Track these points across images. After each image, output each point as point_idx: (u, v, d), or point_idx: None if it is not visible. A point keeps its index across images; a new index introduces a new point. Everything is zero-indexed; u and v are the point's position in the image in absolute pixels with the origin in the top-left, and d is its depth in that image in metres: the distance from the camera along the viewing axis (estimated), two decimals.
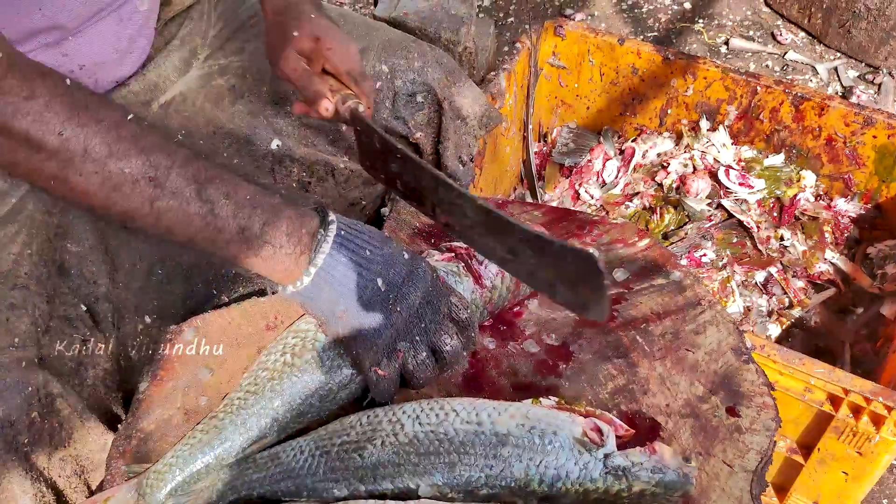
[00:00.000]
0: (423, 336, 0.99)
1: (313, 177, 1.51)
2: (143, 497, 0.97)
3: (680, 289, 1.21)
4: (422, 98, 1.50)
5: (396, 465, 0.92)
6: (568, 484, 0.90)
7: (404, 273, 0.98)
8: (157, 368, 1.15)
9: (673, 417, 1.05)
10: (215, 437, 1.00)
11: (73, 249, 1.23)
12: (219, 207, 0.90)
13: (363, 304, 0.96)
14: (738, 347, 1.13)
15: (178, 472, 0.98)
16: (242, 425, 1.00)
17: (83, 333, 1.21)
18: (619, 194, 2.37)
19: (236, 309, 1.22)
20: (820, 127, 2.12)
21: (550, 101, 2.53)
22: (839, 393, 1.53)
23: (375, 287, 0.96)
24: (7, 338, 1.09)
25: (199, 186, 0.89)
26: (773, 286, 2.12)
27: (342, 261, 0.95)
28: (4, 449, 1.04)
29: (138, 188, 0.86)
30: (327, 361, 1.02)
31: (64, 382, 1.14)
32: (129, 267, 1.30)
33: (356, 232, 0.97)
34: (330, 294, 0.96)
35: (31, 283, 1.14)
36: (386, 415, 0.97)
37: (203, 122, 1.39)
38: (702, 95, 2.26)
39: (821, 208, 2.21)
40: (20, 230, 1.17)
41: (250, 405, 1.01)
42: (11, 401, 1.05)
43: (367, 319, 0.96)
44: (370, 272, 0.96)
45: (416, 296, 0.97)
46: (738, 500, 0.97)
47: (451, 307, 1.01)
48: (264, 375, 1.03)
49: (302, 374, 1.02)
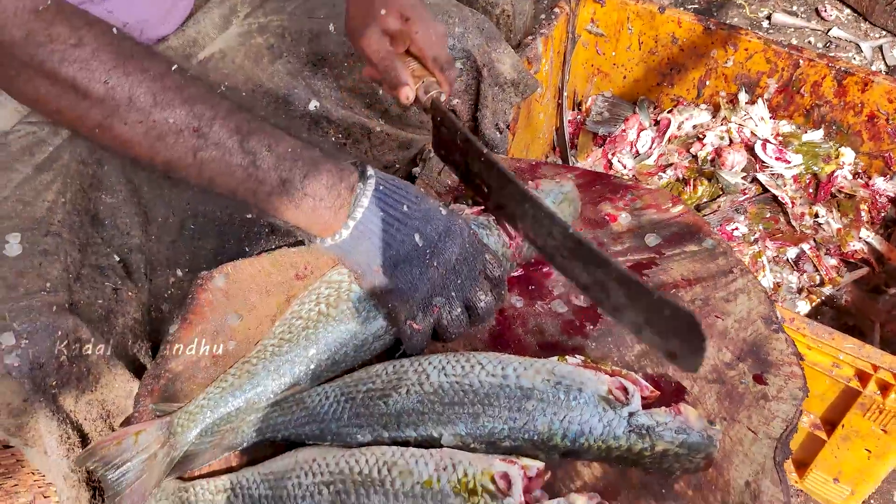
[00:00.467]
0: (458, 292, 1.00)
1: (349, 139, 1.51)
2: (174, 435, 0.99)
3: (712, 256, 1.20)
4: (461, 64, 1.49)
5: (420, 413, 0.93)
6: (591, 440, 0.90)
7: (441, 229, 0.98)
8: (187, 312, 1.16)
9: (699, 382, 1.05)
10: (247, 381, 1.02)
11: (107, 200, 1.25)
12: (260, 159, 0.90)
13: (400, 258, 0.97)
14: (769, 316, 1.12)
15: (209, 414, 1.00)
16: (276, 371, 1.02)
17: (114, 282, 1.23)
18: (653, 165, 2.34)
19: (267, 258, 1.23)
20: (862, 103, 2.08)
21: (586, 69, 2.50)
22: (868, 369, 1.51)
23: (413, 242, 0.96)
24: (38, 282, 1.10)
25: (241, 138, 0.89)
26: (805, 263, 2.10)
27: (380, 215, 0.95)
28: (33, 390, 1.06)
29: (182, 138, 0.87)
30: (363, 312, 1.03)
31: (93, 329, 1.16)
32: (161, 220, 1.31)
33: (394, 187, 0.98)
34: (367, 247, 0.97)
35: (64, 231, 1.16)
36: (412, 365, 0.98)
37: (242, 79, 1.40)
38: (742, 67, 2.22)
39: (858, 186, 2.17)
40: (55, 178, 1.18)
41: (284, 352, 1.02)
42: (41, 343, 1.07)
43: (403, 274, 0.97)
44: (408, 227, 0.96)
45: (452, 252, 0.98)
46: (762, 466, 0.96)
47: (486, 264, 1.02)
48: (299, 324, 1.04)
49: (338, 324, 1.03)
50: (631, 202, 1.29)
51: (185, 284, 1.35)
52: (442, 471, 0.86)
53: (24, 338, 1.05)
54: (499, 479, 0.85)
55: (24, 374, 1.04)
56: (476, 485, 0.84)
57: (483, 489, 0.84)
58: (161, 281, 1.32)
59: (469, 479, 0.85)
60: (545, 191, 1.17)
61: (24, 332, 1.05)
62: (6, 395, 1.07)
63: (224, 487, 0.96)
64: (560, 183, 1.20)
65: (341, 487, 0.89)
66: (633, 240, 1.23)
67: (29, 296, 1.07)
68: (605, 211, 1.28)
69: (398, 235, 0.96)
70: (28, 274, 1.09)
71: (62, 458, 1.13)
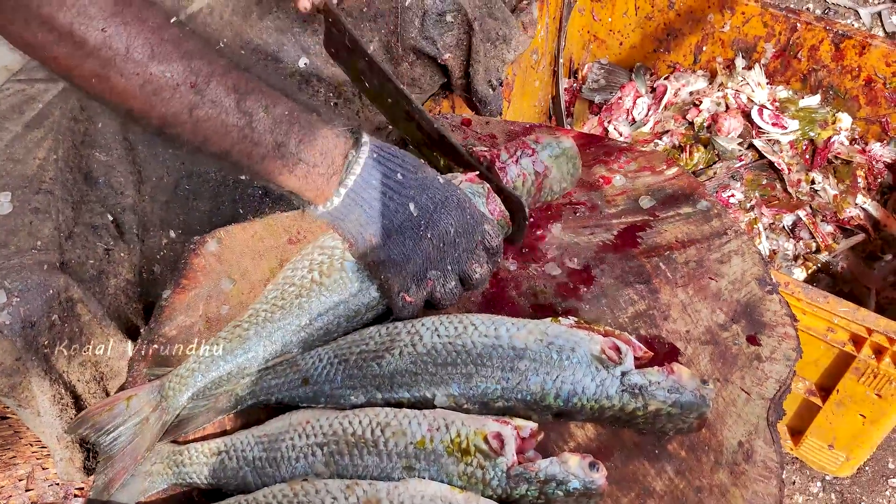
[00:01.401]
0: (454, 265, 0.99)
1: (340, 98, 1.49)
2: (165, 399, 0.99)
3: (706, 218, 1.19)
4: (452, 18, 1.47)
5: (414, 374, 0.93)
6: (584, 400, 0.90)
7: (438, 199, 0.97)
8: (180, 277, 1.16)
9: (692, 344, 1.04)
10: (239, 346, 1.01)
11: (101, 158, 1.23)
12: (257, 121, 0.89)
13: (393, 228, 0.96)
14: (763, 278, 1.11)
15: (201, 378, 1.00)
16: (268, 338, 1.01)
17: (107, 242, 1.22)
18: (649, 132, 2.33)
19: (259, 222, 1.22)
20: (860, 66, 2.06)
21: (583, 36, 2.48)
22: (862, 333, 1.51)
23: (407, 212, 0.95)
24: (29, 240, 1.10)
25: (238, 97, 0.88)
26: (801, 230, 2.09)
27: (373, 183, 0.94)
28: (25, 348, 1.06)
29: (178, 94, 0.85)
30: (356, 283, 1.02)
31: (85, 289, 1.16)
32: (156, 180, 1.30)
33: (389, 155, 0.96)
34: (360, 216, 0.95)
35: (56, 189, 1.15)
36: (405, 326, 0.98)
37: (230, 35, 1.38)
38: (739, 32, 2.20)
39: (855, 152, 2.16)
40: (46, 135, 1.17)
41: (277, 319, 1.02)
42: (33, 302, 1.06)
43: (396, 244, 0.96)
44: (402, 196, 0.95)
45: (449, 223, 0.97)
46: (755, 426, 0.97)
47: (485, 235, 1.01)
48: (292, 291, 1.03)
49: (331, 294, 1.02)
50: (625, 164, 1.29)
51: (177, 246, 1.34)
52: (435, 431, 0.86)
53: (16, 296, 1.04)
54: (492, 438, 0.85)
55: (15, 332, 1.04)
56: (469, 444, 0.85)
57: (476, 449, 0.84)
58: (154, 242, 1.31)
59: (462, 439, 0.85)
60: (543, 143, 1.17)
61: (16, 290, 1.04)
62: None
63: (218, 450, 0.96)
64: (559, 137, 1.19)
65: (335, 448, 0.89)
66: (628, 202, 1.22)
67: (20, 254, 1.07)
68: (599, 173, 1.27)
69: (391, 204, 0.95)
70: (19, 232, 1.09)
71: (55, 418, 1.13)
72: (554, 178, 1.17)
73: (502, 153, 1.14)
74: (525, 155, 1.14)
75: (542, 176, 1.15)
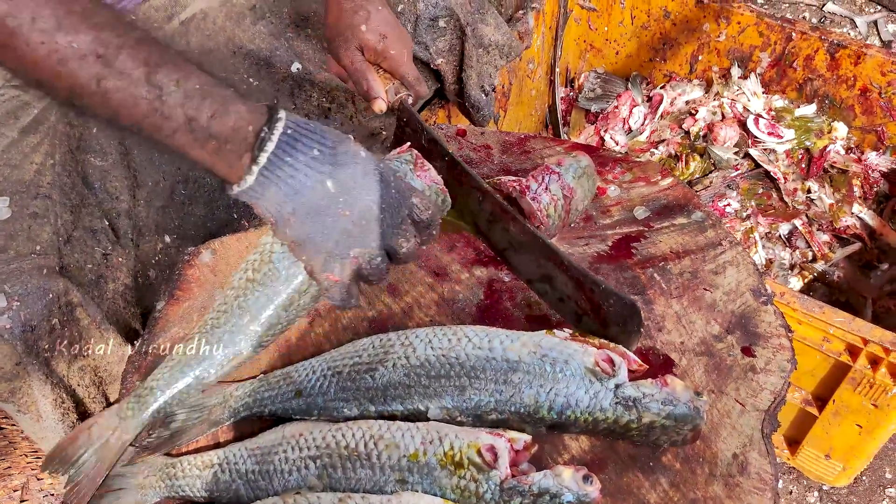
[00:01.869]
0: (379, 241, 0.95)
1: (333, 103, 1.49)
2: (124, 420, 0.98)
3: (701, 229, 1.19)
4: (444, 23, 1.47)
5: (407, 386, 0.93)
6: (577, 412, 0.90)
7: (359, 174, 0.93)
8: (174, 288, 1.16)
9: (687, 355, 1.04)
10: (193, 357, 1.00)
11: (96, 163, 1.23)
12: (167, 94, 0.87)
13: (310, 206, 0.92)
14: (758, 289, 1.11)
15: (160, 395, 0.99)
16: (216, 344, 1.00)
17: (105, 247, 1.22)
18: (645, 141, 2.33)
19: (254, 233, 1.22)
20: (855, 76, 2.06)
21: (579, 45, 2.48)
22: (858, 343, 1.51)
23: (324, 189, 0.92)
24: (29, 245, 1.10)
25: (148, 70, 0.86)
26: (797, 239, 2.09)
27: (288, 161, 0.91)
28: (25, 353, 1.05)
29: (85, 64, 0.83)
30: (283, 271, 1.00)
31: (84, 293, 1.16)
32: (151, 185, 1.30)
33: (306, 130, 0.93)
34: (276, 195, 0.92)
35: (54, 193, 1.15)
36: (399, 338, 0.98)
37: (223, 40, 1.38)
38: (734, 41, 2.20)
39: (851, 161, 2.16)
40: (42, 140, 1.17)
41: (222, 324, 1.01)
42: (33, 306, 1.06)
43: (315, 223, 0.93)
44: (319, 173, 0.92)
45: (370, 199, 0.93)
46: (749, 438, 0.96)
47: (413, 208, 0.97)
48: (231, 294, 1.02)
49: (263, 288, 1.00)
50: (620, 175, 1.29)
51: (172, 251, 1.33)
52: (428, 444, 0.86)
53: (16, 300, 1.04)
54: (485, 451, 0.84)
55: (16, 336, 1.04)
56: (462, 457, 0.84)
57: (469, 462, 0.84)
58: (149, 247, 1.31)
59: (455, 451, 0.85)
60: (565, 165, 1.18)
61: (16, 294, 1.05)
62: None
63: (211, 462, 0.96)
64: (577, 157, 1.20)
65: (328, 461, 0.89)
66: (622, 213, 1.22)
67: (19, 258, 1.07)
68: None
69: (308, 182, 0.91)
70: (18, 237, 1.09)
71: (57, 422, 1.13)
72: (578, 198, 1.18)
73: (531, 183, 1.15)
74: (552, 181, 1.15)
75: (569, 199, 1.16)
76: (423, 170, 1.06)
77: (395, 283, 1.14)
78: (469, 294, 1.12)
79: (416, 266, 1.16)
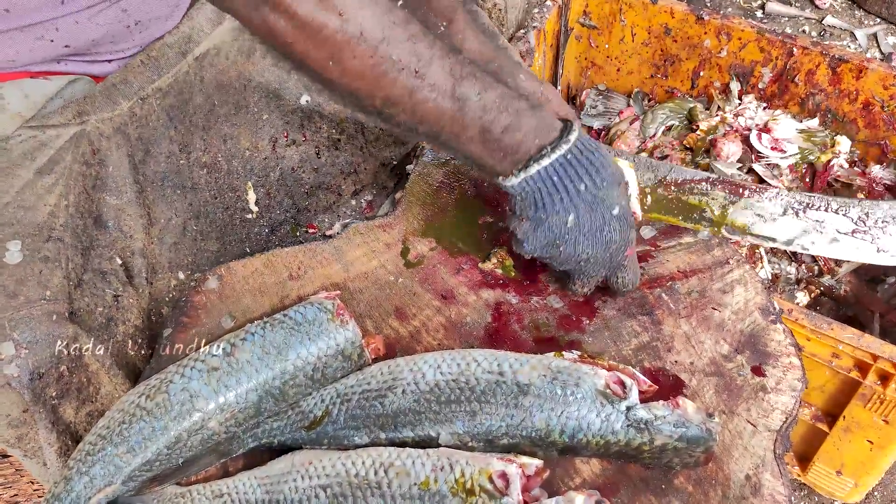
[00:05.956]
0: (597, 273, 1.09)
1: (343, 134, 1.49)
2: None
3: (708, 247, 1.19)
4: None
5: (417, 413, 0.92)
6: (589, 435, 0.89)
7: (600, 224, 1.02)
8: (180, 315, 1.16)
9: (697, 375, 1.04)
10: (63, 488, 0.96)
11: (111, 202, 1.23)
12: (468, 106, 0.93)
13: (546, 229, 1.01)
14: (766, 307, 1.11)
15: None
16: (86, 474, 0.96)
17: (115, 289, 1.21)
18: None
19: (260, 259, 1.22)
20: (857, 90, 2.06)
21: (580, 62, 2.49)
22: (867, 359, 1.50)
23: (563, 221, 1.01)
24: (39, 290, 1.08)
25: (455, 82, 0.91)
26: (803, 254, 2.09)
27: (548, 184, 0.99)
28: (33, 401, 1.04)
29: (403, 76, 0.88)
30: (176, 406, 0.97)
31: (93, 337, 1.15)
32: (164, 222, 1.29)
33: (585, 161, 1.00)
34: (521, 203, 1.01)
35: (66, 236, 1.14)
36: (407, 364, 0.97)
37: (235, 75, 1.38)
38: (735, 57, 2.21)
39: (855, 175, 2.16)
40: (57, 181, 1.16)
41: (97, 451, 0.97)
42: (41, 353, 1.05)
43: (539, 240, 1.03)
44: (567, 205, 1.00)
45: (601, 253, 1.04)
46: (762, 458, 0.96)
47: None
48: (117, 418, 0.99)
49: (151, 420, 0.97)
50: None
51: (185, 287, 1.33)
52: (439, 471, 0.86)
53: (24, 347, 1.03)
54: (497, 478, 0.84)
55: (23, 384, 1.03)
56: (474, 484, 0.84)
57: (481, 489, 0.83)
58: (162, 284, 1.30)
59: (466, 478, 0.84)
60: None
61: (24, 341, 1.03)
62: (5, 405, 1.05)
63: (221, 492, 0.95)
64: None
65: (338, 490, 0.88)
66: None
67: (29, 304, 1.06)
68: None
69: (553, 207, 1.00)
70: (28, 282, 1.08)
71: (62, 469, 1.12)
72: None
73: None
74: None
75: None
76: (343, 323, 1.03)
77: (402, 306, 1.14)
78: (477, 317, 1.12)
79: (423, 289, 1.16)
